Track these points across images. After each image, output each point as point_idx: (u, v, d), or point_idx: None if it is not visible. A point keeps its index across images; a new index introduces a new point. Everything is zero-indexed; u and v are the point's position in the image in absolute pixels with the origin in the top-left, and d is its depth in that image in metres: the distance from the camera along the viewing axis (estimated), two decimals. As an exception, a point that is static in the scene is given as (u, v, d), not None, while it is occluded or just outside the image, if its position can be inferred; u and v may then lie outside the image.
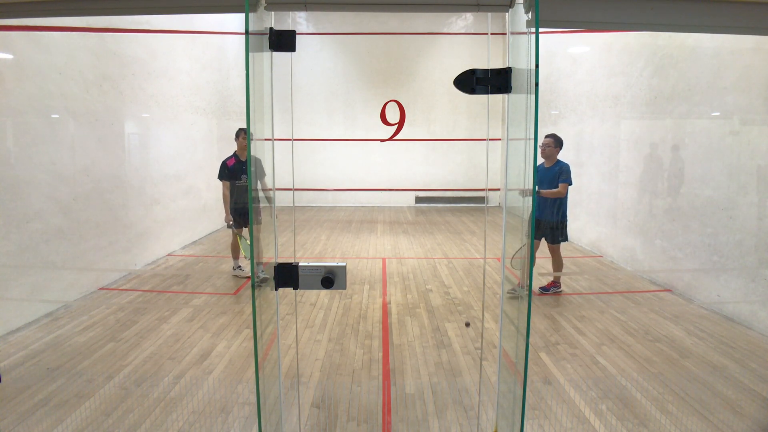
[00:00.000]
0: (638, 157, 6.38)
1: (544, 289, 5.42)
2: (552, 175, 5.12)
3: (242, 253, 5.94)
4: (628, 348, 4.03)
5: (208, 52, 9.02)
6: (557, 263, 5.38)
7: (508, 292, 2.29)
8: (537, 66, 1.67)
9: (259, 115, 1.82)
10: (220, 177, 5.71)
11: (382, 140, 11.67)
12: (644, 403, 3.16)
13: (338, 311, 4.88)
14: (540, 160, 5.28)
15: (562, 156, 5.25)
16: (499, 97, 2.04)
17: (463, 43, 12.50)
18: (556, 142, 5.17)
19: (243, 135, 5.71)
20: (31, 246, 4.55)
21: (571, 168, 5.16)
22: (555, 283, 5.47)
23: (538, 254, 5.70)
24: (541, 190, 5.11)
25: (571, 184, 5.11)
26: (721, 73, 4.83)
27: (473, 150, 12.87)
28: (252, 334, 2.61)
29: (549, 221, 5.20)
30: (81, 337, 4.19)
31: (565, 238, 5.29)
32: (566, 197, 5.18)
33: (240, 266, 5.98)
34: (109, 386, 3.35)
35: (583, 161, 7.88)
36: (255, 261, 3.95)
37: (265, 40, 1.84)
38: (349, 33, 12.51)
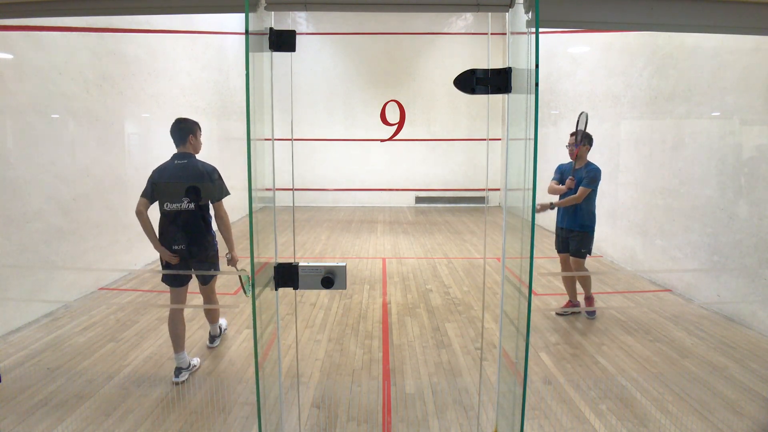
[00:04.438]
0: (638, 157, 6.38)
1: (591, 313, 4.76)
2: (582, 176, 4.46)
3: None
4: (628, 348, 4.03)
5: (208, 52, 9.01)
6: (583, 280, 4.71)
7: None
8: (537, 66, 1.67)
9: (259, 115, 1.82)
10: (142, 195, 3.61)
11: (382, 140, 11.67)
12: (644, 403, 3.16)
13: (338, 311, 4.88)
14: (561, 160, 4.69)
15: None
16: (499, 97, 2.04)
17: (463, 43, 12.50)
18: (584, 140, 4.50)
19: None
20: (31, 246, 4.55)
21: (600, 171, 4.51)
22: (592, 299, 4.80)
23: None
24: (559, 201, 4.48)
25: (591, 188, 4.40)
26: (721, 73, 4.83)
27: (473, 150, 12.87)
28: (252, 334, 2.61)
29: (572, 230, 4.56)
30: (81, 337, 4.19)
31: (588, 251, 4.59)
32: (593, 204, 4.50)
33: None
34: (109, 386, 3.35)
35: (583, 161, 7.87)
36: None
37: (265, 40, 1.84)
38: (349, 33, 12.50)
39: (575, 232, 4.58)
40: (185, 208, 3.52)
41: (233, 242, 3.75)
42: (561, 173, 4.70)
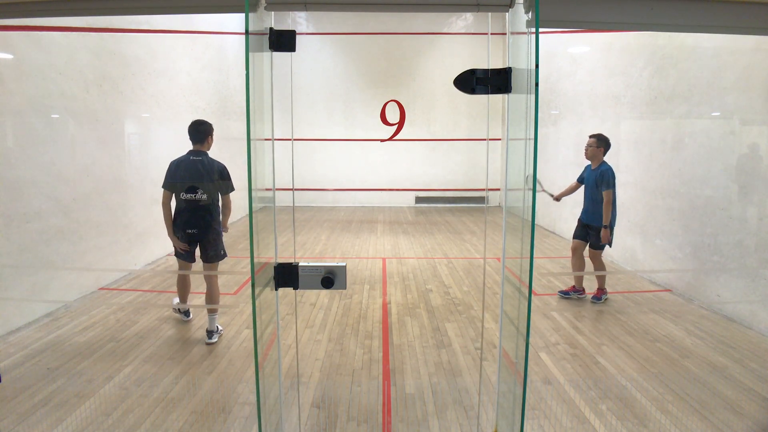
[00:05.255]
0: (638, 157, 6.38)
1: (596, 298, 5.14)
2: (596, 177, 4.94)
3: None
4: (628, 348, 4.03)
5: (208, 52, 9.01)
6: (599, 269, 5.21)
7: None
8: (537, 66, 1.67)
9: (259, 115, 1.82)
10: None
11: (382, 140, 11.66)
12: (644, 403, 3.16)
13: (338, 311, 4.88)
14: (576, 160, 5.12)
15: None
16: (499, 97, 2.04)
17: (463, 43, 12.50)
18: (599, 142, 4.95)
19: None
20: (31, 246, 4.55)
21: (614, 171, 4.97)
22: (603, 290, 5.17)
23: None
24: (604, 226, 4.88)
25: (610, 188, 4.85)
26: (721, 73, 4.83)
27: (473, 150, 12.86)
28: (252, 334, 2.61)
29: (595, 225, 5.01)
30: (81, 337, 4.19)
31: (608, 244, 5.05)
32: (614, 201, 4.93)
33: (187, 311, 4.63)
34: (109, 386, 3.35)
35: (583, 161, 7.86)
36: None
37: (265, 40, 1.84)
38: (349, 33, 12.50)
39: (594, 227, 5.03)
40: (199, 198, 4.10)
41: (228, 219, 4.34)
42: (582, 174, 5.23)
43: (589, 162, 5.16)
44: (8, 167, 4.31)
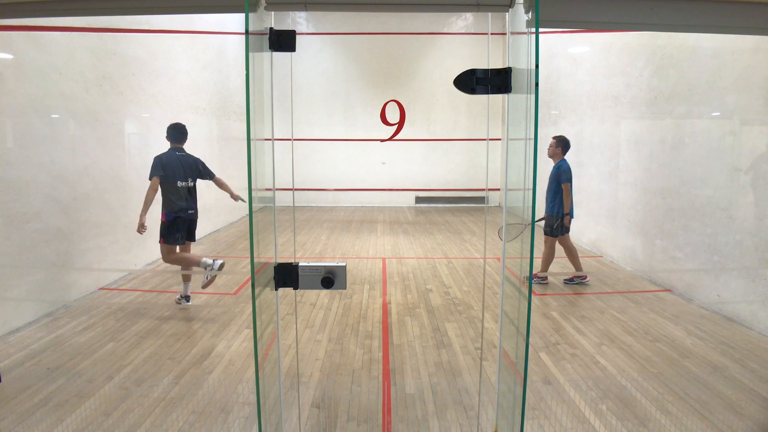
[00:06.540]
0: (638, 157, 6.38)
1: (538, 278, 5.78)
2: (555, 173, 5.57)
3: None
4: (628, 348, 4.03)
5: (208, 52, 9.01)
6: (546, 255, 5.75)
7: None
8: (537, 66, 1.67)
9: (259, 115, 1.82)
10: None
11: (382, 140, 11.67)
12: (644, 403, 3.16)
13: (338, 311, 4.88)
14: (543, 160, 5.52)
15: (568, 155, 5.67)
16: (499, 97, 2.04)
17: (463, 43, 12.51)
18: (558, 142, 5.61)
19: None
20: (31, 246, 4.55)
21: (570, 167, 5.59)
22: (536, 274, 5.81)
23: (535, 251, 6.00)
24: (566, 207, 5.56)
25: (568, 181, 5.50)
26: (721, 73, 4.83)
27: (473, 150, 12.87)
28: (252, 334, 2.62)
29: (550, 215, 5.67)
30: (81, 337, 4.19)
31: (560, 233, 5.64)
32: (559, 193, 5.61)
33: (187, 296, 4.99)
34: (109, 386, 3.35)
35: (583, 161, 7.88)
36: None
37: (265, 40, 1.84)
38: (349, 33, 12.51)
39: (552, 217, 5.69)
40: (192, 185, 4.86)
41: (230, 187, 5.11)
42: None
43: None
44: (8, 167, 4.31)
